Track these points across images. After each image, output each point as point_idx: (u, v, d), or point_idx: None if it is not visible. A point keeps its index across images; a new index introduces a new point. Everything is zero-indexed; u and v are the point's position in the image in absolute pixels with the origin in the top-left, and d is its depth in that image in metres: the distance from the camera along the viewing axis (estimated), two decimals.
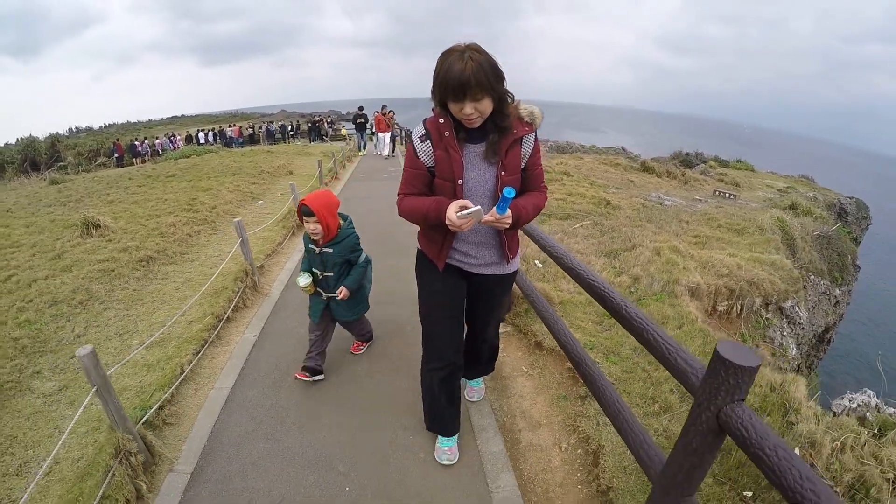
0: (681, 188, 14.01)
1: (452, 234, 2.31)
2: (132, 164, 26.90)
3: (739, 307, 5.47)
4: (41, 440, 3.16)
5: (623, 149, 31.05)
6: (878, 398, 3.56)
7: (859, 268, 10.31)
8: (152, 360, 3.92)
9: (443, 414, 2.78)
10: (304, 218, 3.16)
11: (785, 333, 6.03)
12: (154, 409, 3.21)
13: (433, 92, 2.03)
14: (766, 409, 2.84)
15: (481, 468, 2.80)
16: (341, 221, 3.33)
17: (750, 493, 2.31)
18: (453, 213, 1.99)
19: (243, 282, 5.07)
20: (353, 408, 3.33)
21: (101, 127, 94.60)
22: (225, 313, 4.58)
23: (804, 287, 6.85)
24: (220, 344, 4.27)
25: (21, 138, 36.84)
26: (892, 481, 2.21)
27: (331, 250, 3.28)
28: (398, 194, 2.33)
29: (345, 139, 29.80)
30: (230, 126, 37.81)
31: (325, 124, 35.71)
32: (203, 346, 4.11)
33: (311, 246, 3.32)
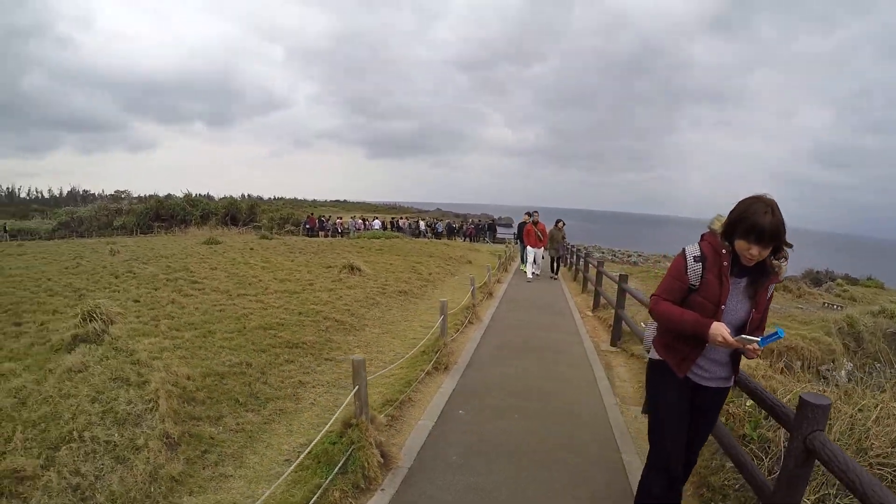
0: (791, 300, 15.85)
1: (699, 347, 2.74)
2: (317, 236, 33.36)
3: (780, 366, 8.22)
4: (399, 338, 7.28)
5: None
6: None
7: None
8: (427, 333, 7.94)
9: None
10: None
11: (819, 391, 8.37)
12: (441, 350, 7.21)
13: (730, 224, 2.54)
14: None
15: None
16: None
17: None
18: (725, 331, 2.50)
19: (470, 310, 9.11)
20: (543, 355, 7.10)
21: (269, 198, 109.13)
22: (463, 323, 8.62)
23: (869, 372, 9.26)
24: (462, 336, 8.32)
25: (195, 194, 47.33)
26: None
27: None
28: (655, 295, 2.84)
29: (504, 242, 34.83)
30: (401, 217, 44.67)
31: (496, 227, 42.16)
32: (456, 332, 8.13)
33: None
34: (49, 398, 4.47)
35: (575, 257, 19.06)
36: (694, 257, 2.69)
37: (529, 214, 16.48)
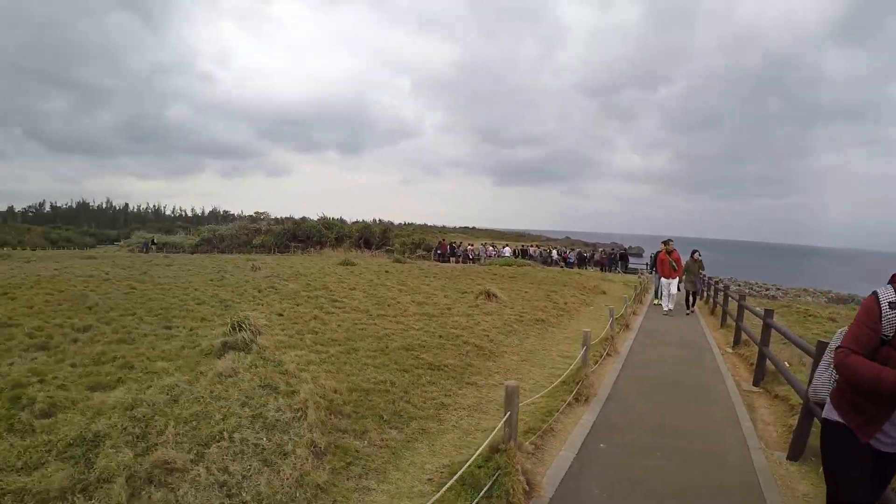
0: None
1: (890, 410, 2.42)
2: (448, 261, 33.90)
3: None
4: (538, 366, 7.05)
5: None
6: None
7: None
8: (568, 364, 7.62)
9: None
10: None
11: None
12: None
13: None
14: None
15: None
16: None
17: None
18: None
19: (608, 342, 8.77)
20: (684, 392, 6.57)
21: (400, 224, 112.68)
22: (602, 355, 8.31)
23: None
24: (600, 368, 7.98)
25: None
26: None
27: None
28: (843, 346, 2.50)
29: (637, 272, 33.75)
30: (531, 245, 44.48)
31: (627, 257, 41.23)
32: (595, 364, 7.80)
33: None
34: (200, 398, 4.71)
35: (713, 290, 17.55)
36: (890, 303, 2.36)
37: (665, 243, 15.16)
